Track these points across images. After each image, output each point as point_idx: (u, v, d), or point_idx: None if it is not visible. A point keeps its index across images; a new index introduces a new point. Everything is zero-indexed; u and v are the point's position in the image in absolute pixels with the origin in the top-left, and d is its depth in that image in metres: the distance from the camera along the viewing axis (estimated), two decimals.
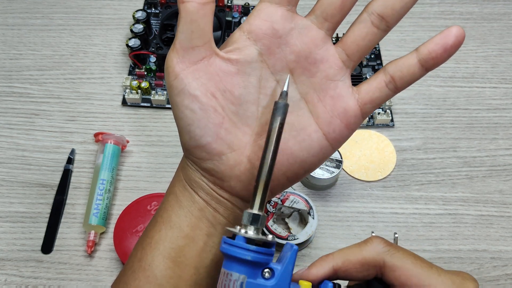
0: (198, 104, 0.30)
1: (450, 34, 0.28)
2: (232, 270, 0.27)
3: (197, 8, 0.28)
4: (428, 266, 0.30)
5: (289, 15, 0.30)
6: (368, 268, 0.30)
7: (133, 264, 0.33)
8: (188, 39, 0.29)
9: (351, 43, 0.31)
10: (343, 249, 0.31)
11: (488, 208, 0.60)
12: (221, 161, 0.31)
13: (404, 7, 0.29)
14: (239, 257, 0.27)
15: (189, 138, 0.31)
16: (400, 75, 0.30)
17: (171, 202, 0.34)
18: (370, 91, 0.31)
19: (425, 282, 0.29)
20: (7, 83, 0.69)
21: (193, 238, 0.32)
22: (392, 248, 0.30)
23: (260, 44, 0.30)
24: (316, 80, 0.31)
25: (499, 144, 0.65)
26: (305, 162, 0.32)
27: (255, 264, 0.27)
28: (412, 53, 0.30)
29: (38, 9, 0.77)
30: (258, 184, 0.29)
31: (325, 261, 0.31)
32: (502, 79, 0.70)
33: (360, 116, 0.32)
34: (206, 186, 0.32)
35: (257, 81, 0.31)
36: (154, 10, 0.76)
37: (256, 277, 0.27)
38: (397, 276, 0.29)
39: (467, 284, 0.29)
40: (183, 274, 0.32)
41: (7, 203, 0.59)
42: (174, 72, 0.30)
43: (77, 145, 0.64)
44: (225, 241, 0.28)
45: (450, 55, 0.29)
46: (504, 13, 0.77)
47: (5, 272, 0.55)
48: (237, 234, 0.28)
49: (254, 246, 0.27)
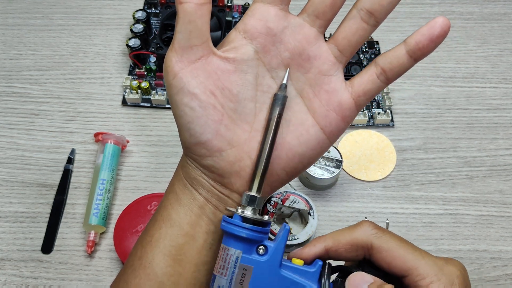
0: (197, 102, 0.30)
1: (435, 25, 0.30)
2: (230, 246, 0.30)
3: (194, 8, 0.29)
4: (413, 249, 0.31)
5: (282, 14, 0.31)
6: (357, 249, 0.31)
7: (133, 262, 0.34)
8: (186, 38, 0.30)
9: (342, 39, 0.32)
10: (335, 231, 0.32)
11: (488, 208, 0.60)
12: (221, 158, 0.32)
13: (391, 3, 0.30)
14: (235, 234, 0.30)
15: (189, 135, 0.31)
16: (390, 66, 0.31)
17: (171, 200, 0.34)
18: (362, 84, 0.32)
19: (409, 264, 0.30)
20: (7, 83, 0.69)
21: (193, 236, 0.33)
22: (380, 231, 0.31)
23: (256, 42, 0.31)
24: (311, 76, 0.33)
25: (499, 144, 0.65)
26: (304, 156, 0.33)
27: (250, 240, 0.30)
28: (401, 44, 0.31)
29: (38, 9, 0.77)
30: (257, 169, 0.31)
31: (318, 242, 0.32)
32: (503, 79, 0.70)
33: (354, 109, 0.33)
34: (206, 183, 0.33)
35: (254, 78, 0.32)
36: (154, 10, 0.76)
37: (251, 252, 0.30)
38: (383, 257, 0.30)
39: (449, 268, 0.30)
40: (184, 271, 0.33)
41: (7, 203, 0.60)
42: (173, 71, 0.31)
43: (77, 145, 0.64)
44: (224, 219, 0.31)
45: (436, 45, 0.30)
46: (505, 13, 0.77)
47: (5, 272, 0.55)
48: (234, 213, 0.31)
49: (249, 224, 0.30)
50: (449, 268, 0.30)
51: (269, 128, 0.31)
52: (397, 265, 0.30)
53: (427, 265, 0.30)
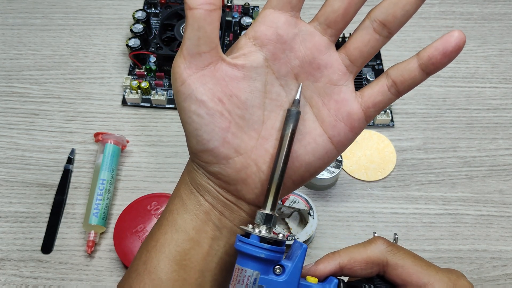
0: (205, 109, 0.30)
1: (450, 40, 0.29)
2: (247, 267, 0.29)
3: (204, 15, 0.29)
4: (427, 265, 0.31)
5: (293, 20, 0.31)
6: (372, 266, 0.32)
7: (137, 266, 0.33)
8: (195, 45, 0.29)
9: (354, 49, 0.31)
10: (348, 247, 0.32)
11: (488, 208, 0.60)
12: (228, 165, 0.31)
13: (405, 15, 0.30)
14: (253, 254, 0.29)
15: (196, 142, 0.31)
16: (401, 79, 0.31)
17: (177, 205, 0.34)
18: (373, 95, 0.32)
19: (424, 280, 0.30)
20: (7, 83, 0.69)
21: (199, 242, 0.32)
22: (394, 248, 0.32)
23: (266, 49, 0.31)
24: (320, 85, 0.32)
25: (499, 144, 0.65)
26: (311, 165, 0.32)
27: (267, 261, 0.29)
28: (413, 57, 0.30)
29: (38, 9, 0.77)
30: (270, 187, 0.31)
31: (331, 259, 0.32)
32: (502, 79, 0.70)
33: (363, 120, 0.32)
34: (212, 189, 0.33)
35: (262, 86, 0.31)
36: (154, 10, 0.76)
37: (268, 273, 0.29)
38: (399, 274, 0.31)
39: (461, 281, 0.31)
40: (188, 277, 0.32)
41: (7, 203, 0.60)
42: (181, 78, 0.30)
43: (77, 145, 0.64)
44: (240, 239, 0.30)
45: (450, 60, 0.29)
46: (505, 13, 0.77)
47: (5, 272, 0.55)
48: (251, 233, 0.30)
49: (267, 244, 0.29)
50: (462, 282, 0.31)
51: (283, 144, 0.31)
52: (413, 281, 0.31)
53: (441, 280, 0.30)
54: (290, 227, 0.57)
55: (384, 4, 0.30)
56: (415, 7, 0.30)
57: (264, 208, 0.30)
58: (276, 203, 0.31)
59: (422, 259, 0.32)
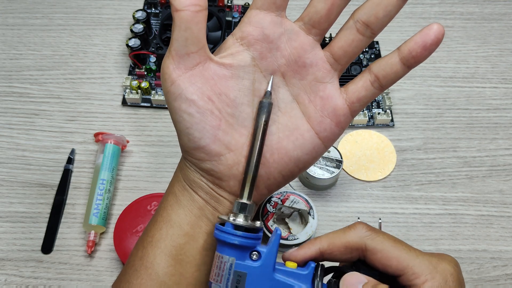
0: (195, 108, 0.31)
1: (429, 33, 0.30)
2: (223, 253, 0.31)
3: (191, 16, 0.30)
4: (407, 249, 0.31)
5: (278, 20, 0.32)
6: (351, 251, 0.32)
7: (134, 262, 0.34)
8: (183, 46, 0.30)
9: (338, 49, 0.32)
10: (329, 233, 0.33)
11: (488, 208, 0.60)
12: (219, 162, 0.32)
13: (387, 16, 0.31)
14: (227, 241, 0.30)
15: (188, 140, 0.32)
16: (383, 74, 0.32)
17: (171, 201, 0.34)
18: (356, 91, 0.33)
19: (404, 264, 0.30)
20: (7, 83, 0.69)
21: (193, 236, 0.33)
22: (373, 232, 0.32)
23: (253, 49, 0.32)
24: (306, 82, 0.33)
25: (499, 144, 0.65)
26: (299, 160, 0.33)
27: (242, 247, 0.31)
28: (394, 52, 0.31)
29: (38, 9, 0.77)
30: (246, 177, 0.32)
31: (312, 244, 0.32)
32: (503, 79, 0.70)
33: (349, 115, 0.33)
34: (205, 185, 0.33)
35: (250, 84, 0.32)
36: (154, 10, 0.76)
37: (244, 259, 0.31)
38: (378, 258, 0.31)
39: (443, 264, 0.30)
40: (185, 271, 0.33)
41: (7, 203, 0.60)
42: (170, 79, 0.31)
43: (77, 145, 0.64)
44: (217, 227, 0.31)
45: (430, 53, 0.30)
46: (505, 13, 0.77)
47: (5, 272, 0.55)
48: (226, 221, 0.31)
49: (241, 231, 0.30)
50: (443, 265, 0.30)
51: (257, 134, 0.32)
52: (392, 265, 0.30)
53: (421, 264, 0.30)
54: (290, 227, 0.57)
55: (367, 5, 0.31)
56: (397, 8, 0.30)
57: (241, 198, 0.32)
58: (252, 192, 0.32)
59: (403, 243, 0.31)
